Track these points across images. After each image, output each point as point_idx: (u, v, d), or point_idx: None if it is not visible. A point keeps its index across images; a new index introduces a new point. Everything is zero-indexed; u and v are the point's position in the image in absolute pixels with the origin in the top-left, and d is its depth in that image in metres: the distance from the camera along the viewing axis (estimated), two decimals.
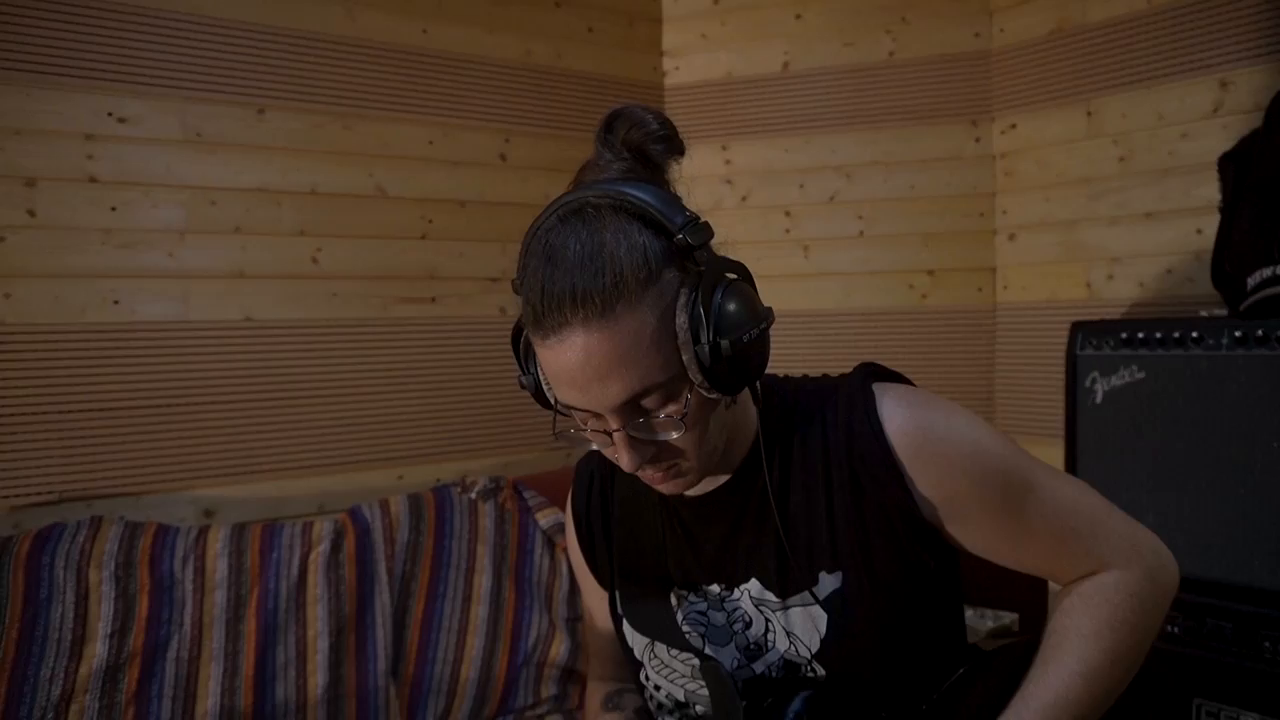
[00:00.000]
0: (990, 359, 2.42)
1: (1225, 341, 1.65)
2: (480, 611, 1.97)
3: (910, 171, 2.44)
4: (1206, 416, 1.66)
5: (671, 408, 0.81)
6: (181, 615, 1.70)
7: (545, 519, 2.10)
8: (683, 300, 0.78)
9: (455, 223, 2.30)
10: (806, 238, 2.50)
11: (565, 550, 2.07)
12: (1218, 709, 1.62)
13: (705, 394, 0.80)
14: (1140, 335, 1.74)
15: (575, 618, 2.05)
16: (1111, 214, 2.19)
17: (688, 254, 0.79)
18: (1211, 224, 1.87)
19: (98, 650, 1.60)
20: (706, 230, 0.80)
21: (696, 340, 0.77)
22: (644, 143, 0.84)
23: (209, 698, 1.67)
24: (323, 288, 2.11)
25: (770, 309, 0.83)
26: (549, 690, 1.99)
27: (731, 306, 0.78)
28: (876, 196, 2.46)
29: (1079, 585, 0.91)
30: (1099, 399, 1.80)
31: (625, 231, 0.78)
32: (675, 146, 0.86)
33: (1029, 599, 1.34)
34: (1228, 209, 1.84)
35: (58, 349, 1.81)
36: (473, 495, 2.07)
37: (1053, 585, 0.97)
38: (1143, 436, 1.73)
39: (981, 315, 2.42)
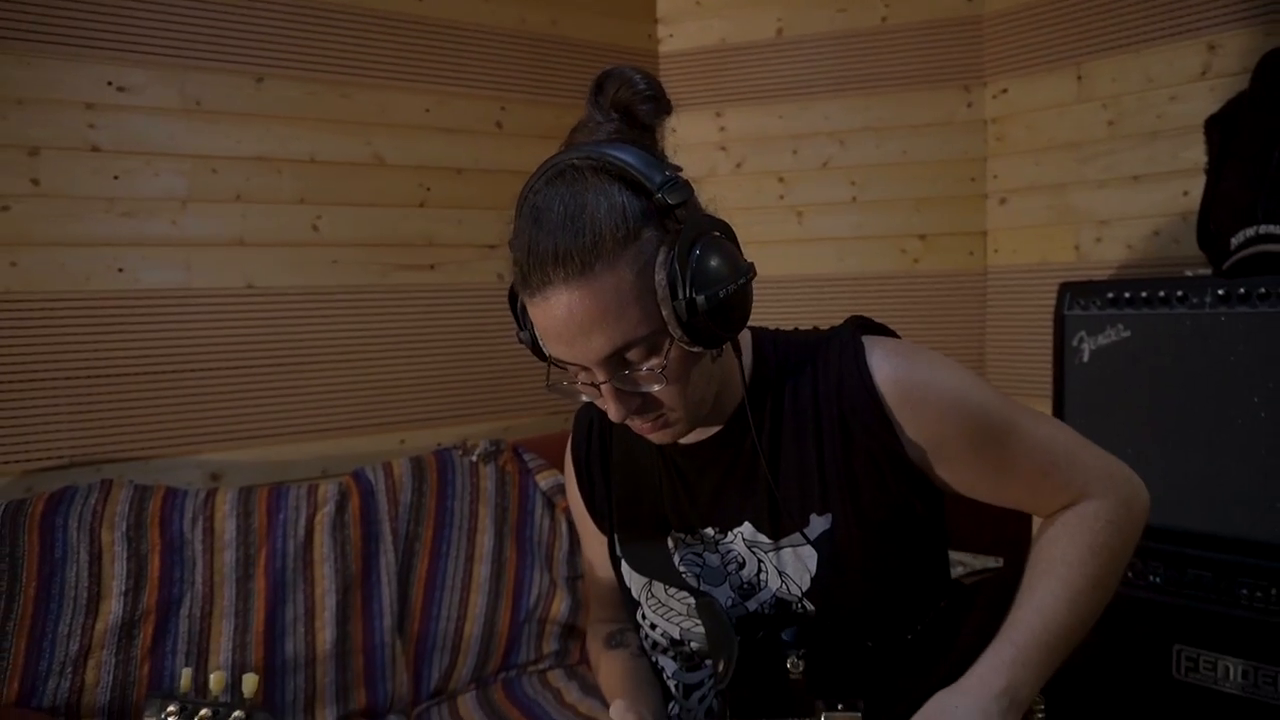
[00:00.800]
0: (981, 321, 2.46)
1: (1209, 300, 1.69)
2: (483, 570, 2.02)
3: (902, 137, 2.47)
4: (1190, 373, 1.70)
5: (654, 361, 0.84)
6: (193, 574, 1.75)
7: (545, 480, 2.14)
8: (661, 258, 0.81)
9: (453, 190, 2.32)
10: (800, 203, 2.53)
11: (565, 511, 2.12)
12: (1197, 654, 1.67)
13: (686, 348, 0.84)
14: (1126, 295, 1.78)
15: (575, 576, 2.11)
16: (1100, 177, 2.22)
17: (668, 212, 0.82)
18: (1198, 186, 1.90)
19: (113, 607, 1.65)
20: (686, 189, 0.83)
21: (674, 296, 0.80)
22: (632, 102, 0.87)
23: (221, 653, 1.72)
24: (323, 255, 2.14)
25: (751, 264, 0.86)
26: (550, 646, 2.05)
27: (708, 262, 0.81)
28: (869, 162, 2.48)
29: (1060, 515, 0.95)
30: (1085, 358, 1.84)
31: (606, 192, 0.81)
32: (663, 106, 0.89)
33: (1013, 544, 1.39)
34: (1213, 171, 1.87)
35: (64, 316, 1.84)
36: (474, 458, 2.12)
37: (1035, 520, 1.01)
38: (1128, 394, 1.77)
39: (972, 279, 2.46)
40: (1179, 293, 1.72)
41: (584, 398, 0.91)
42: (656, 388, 0.85)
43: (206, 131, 1.99)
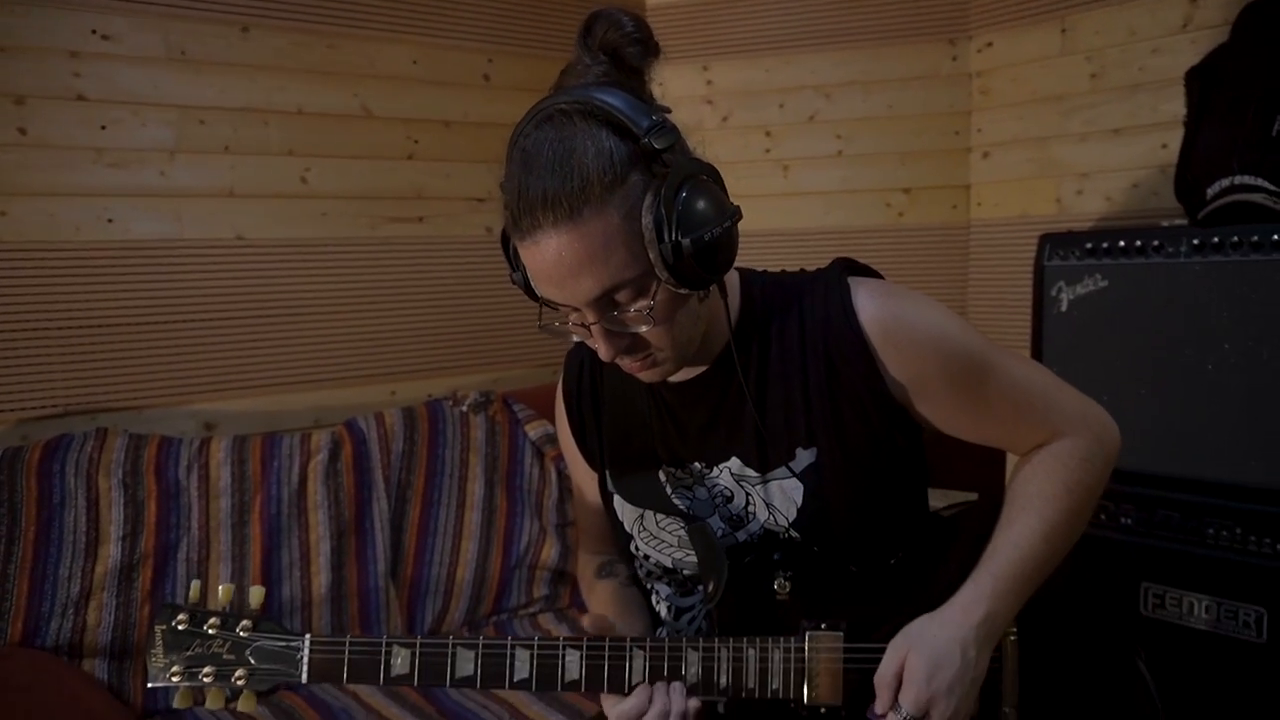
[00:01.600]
0: (964, 274, 2.50)
1: (1184, 249, 1.73)
2: (474, 517, 2.07)
3: (888, 91, 2.48)
4: (1164, 321, 1.75)
5: (641, 302, 0.86)
6: (189, 520, 1.78)
7: (534, 430, 2.18)
8: (648, 201, 0.83)
9: (441, 143, 2.33)
10: (786, 157, 2.55)
11: (555, 460, 2.16)
12: (1163, 591, 1.74)
13: (673, 289, 0.86)
14: (1104, 246, 1.82)
15: (565, 523, 2.16)
16: (1082, 130, 2.25)
17: (654, 156, 0.83)
18: (1176, 139, 1.93)
19: (111, 552, 1.68)
20: (672, 133, 0.84)
21: (661, 239, 0.82)
22: (620, 45, 0.89)
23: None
24: (312, 207, 2.14)
25: (737, 207, 0.88)
26: (541, 591, 2.10)
27: (694, 205, 0.83)
28: (855, 116, 2.50)
29: (1036, 453, 1.00)
30: (1064, 307, 1.88)
31: (593, 137, 0.83)
32: (651, 49, 0.90)
33: (987, 480, 1.43)
34: (1192, 122, 1.90)
35: (55, 267, 1.84)
36: (464, 408, 2.15)
37: (1010, 457, 1.06)
38: (1104, 342, 1.82)
39: (956, 232, 2.49)
40: (1155, 242, 1.76)
41: (575, 338, 0.94)
42: (644, 328, 0.88)
43: (192, 82, 1.98)
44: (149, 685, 0.93)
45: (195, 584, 0.95)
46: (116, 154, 1.90)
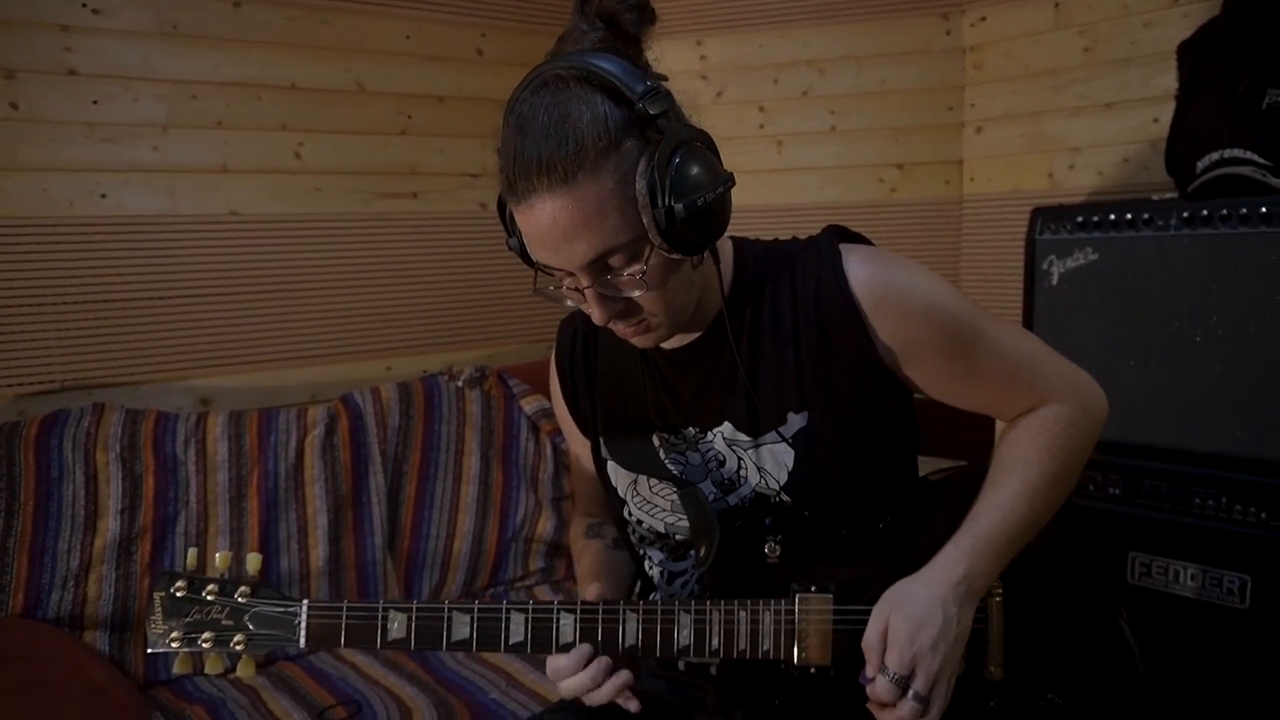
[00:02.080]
0: (956, 250, 2.51)
1: (1174, 223, 1.74)
2: (470, 491, 2.08)
3: (882, 66, 2.48)
4: (1153, 294, 1.76)
5: (635, 267, 0.87)
6: (187, 494, 1.79)
7: (530, 405, 2.19)
8: (642, 167, 0.84)
9: (434, 119, 2.32)
10: (780, 133, 2.55)
11: (550, 434, 2.18)
12: (1149, 560, 1.77)
13: (666, 254, 0.87)
14: (1095, 219, 1.83)
15: (560, 497, 2.17)
16: (1075, 105, 2.26)
17: (649, 122, 0.84)
18: (1168, 113, 1.93)
19: (110, 525, 1.70)
20: (666, 99, 0.85)
21: (654, 204, 0.83)
22: (617, 11, 0.89)
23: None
24: (306, 183, 2.14)
25: (730, 174, 0.89)
26: (537, 564, 2.13)
27: (688, 171, 0.84)
28: (848, 91, 2.50)
29: (1023, 419, 1.01)
30: (1055, 280, 1.89)
31: (588, 102, 0.84)
32: (647, 15, 0.91)
33: (976, 448, 1.44)
34: (1183, 96, 1.90)
35: (49, 242, 1.84)
36: (459, 383, 2.16)
37: (999, 425, 1.07)
38: (1094, 315, 1.83)
39: (948, 207, 2.50)
40: (1145, 216, 1.77)
41: (569, 303, 0.95)
42: (637, 293, 0.89)
43: (184, 56, 1.97)
44: (149, 651, 0.94)
45: (192, 552, 0.97)
46: (109, 129, 1.89)
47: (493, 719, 1.52)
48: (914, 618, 0.88)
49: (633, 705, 0.92)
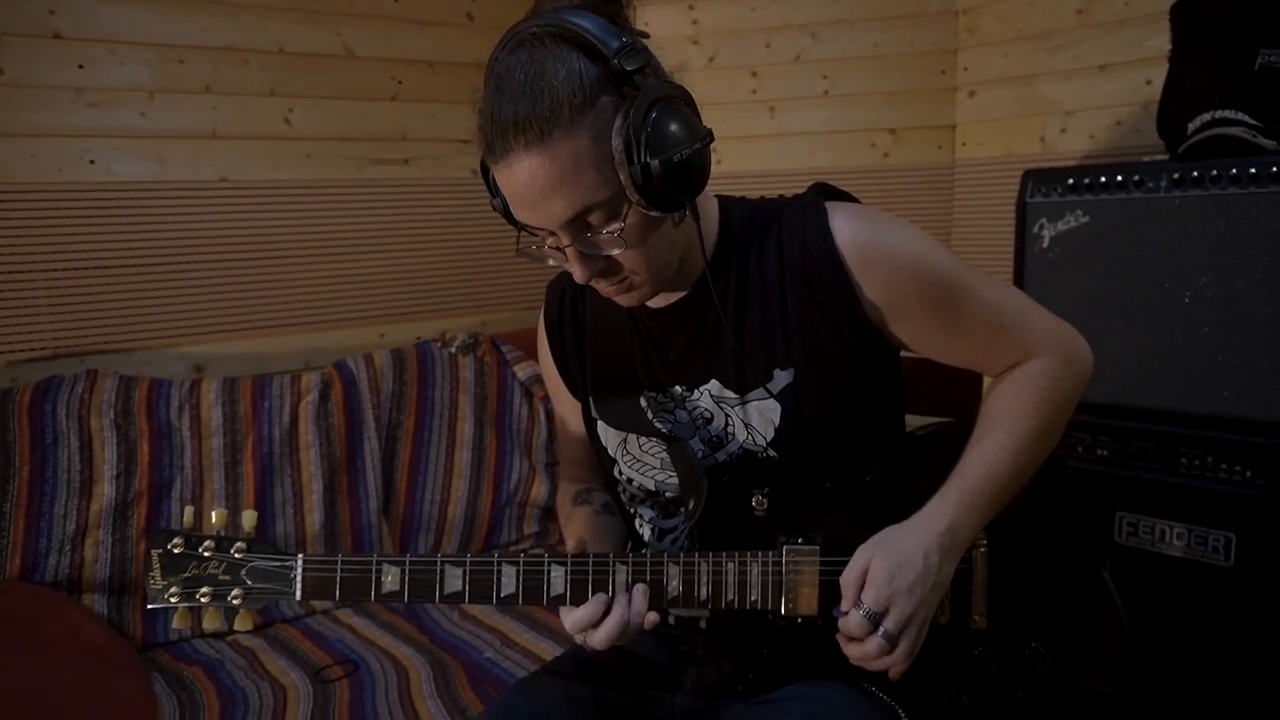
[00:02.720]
0: (949, 214, 2.51)
1: (1164, 184, 1.74)
2: (464, 456, 2.10)
3: (875, 29, 2.46)
4: (1143, 256, 1.77)
5: (614, 225, 0.88)
6: (181, 459, 1.80)
7: (523, 371, 2.20)
8: (618, 123, 0.84)
9: (425, 84, 2.31)
10: (772, 98, 2.53)
11: (543, 400, 2.19)
12: (1137, 519, 1.79)
13: (645, 211, 0.87)
14: (1086, 181, 1.83)
15: (554, 462, 2.19)
16: (1068, 67, 2.25)
17: (625, 78, 0.84)
18: (1161, 74, 1.93)
19: (106, 490, 1.71)
20: (643, 55, 0.85)
21: (630, 160, 0.83)
22: None
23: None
24: (296, 149, 2.13)
25: (709, 129, 0.89)
26: (531, 528, 2.14)
27: (664, 127, 0.84)
28: (841, 55, 2.49)
29: (1008, 373, 1.02)
30: (1046, 244, 1.90)
31: (564, 59, 0.84)
32: None
33: (963, 407, 1.46)
34: (1177, 57, 1.90)
35: (38, 208, 1.84)
36: (452, 350, 2.17)
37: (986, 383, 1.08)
38: (1084, 278, 1.84)
39: (940, 172, 2.50)
40: (1136, 178, 1.77)
41: (551, 262, 0.96)
42: (617, 251, 0.89)
43: (169, 19, 1.95)
44: (149, 607, 0.95)
45: (189, 509, 0.98)
46: (95, 94, 1.88)
47: (488, 677, 1.54)
48: (895, 560, 0.89)
49: (651, 617, 0.92)
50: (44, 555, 1.63)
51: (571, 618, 0.92)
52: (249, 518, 0.96)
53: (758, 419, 1.01)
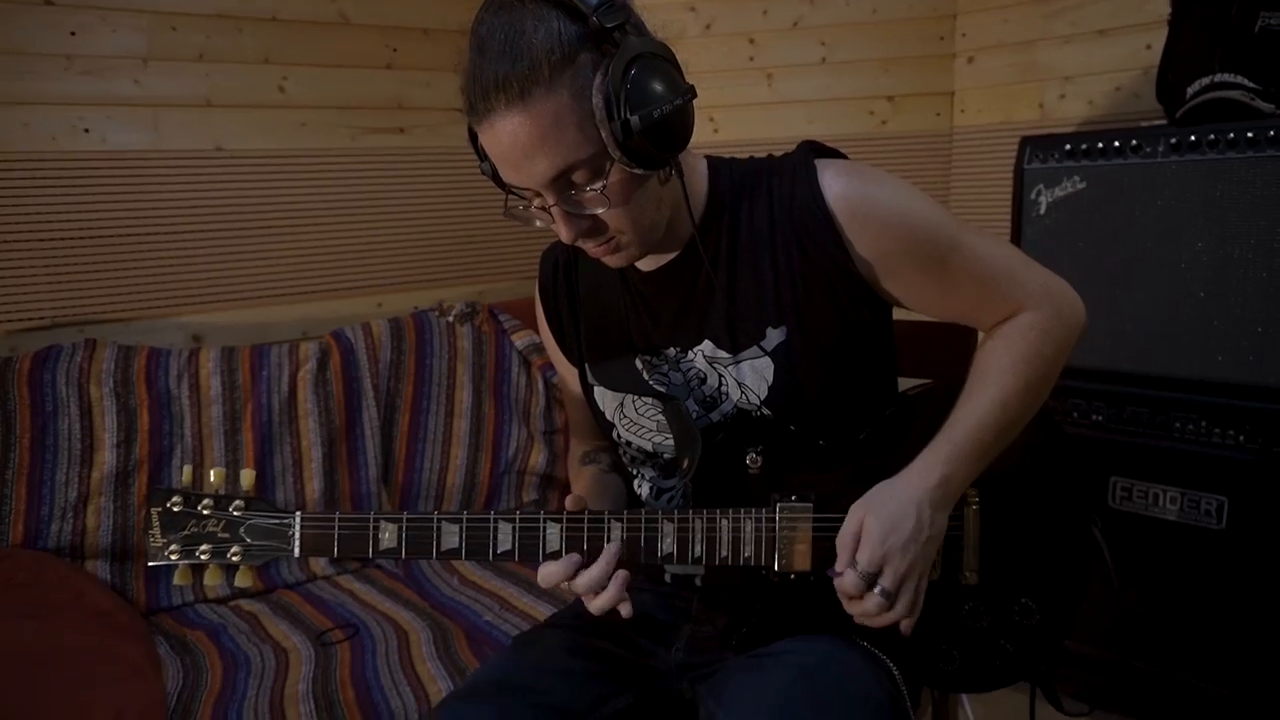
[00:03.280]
0: (947, 182, 2.51)
1: (1161, 149, 1.74)
2: (463, 425, 2.11)
3: None
4: (1140, 222, 1.77)
5: (598, 183, 0.88)
6: (181, 428, 1.81)
7: (521, 340, 2.21)
8: (598, 81, 0.84)
9: (421, 52, 2.29)
10: (770, 65, 2.52)
11: (541, 369, 2.20)
12: (1130, 484, 1.80)
13: (628, 169, 0.87)
14: (1083, 147, 1.83)
15: (552, 430, 2.20)
16: (1067, 32, 2.23)
17: (605, 36, 0.84)
18: (1161, 38, 1.91)
19: (106, 458, 1.72)
20: (622, 11, 0.84)
21: (611, 117, 0.83)
22: None
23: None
24: (291, 117, 2.12)
25: (691, 86, 0.89)
26: (530, 495, 2.16)
27: (645, 83, 0.84)
28: (839, 21, 2.47)
29: (999, 328, 1.02)
30: (1043, 210, 1.90)
31: (543, 18, 0.84)
32: None
33: (955, 367, 1.46)
34: (1176, 21, 1.88)
35: (33, 177, 1.83)
36: (450, 319, 2.17)
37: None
38: (1081, 244, 1.84)
39: (939, 140, 2.49)
40: (1133, 143, 1.77)
41: (539, 223, 0.96)
42: (601, 209, 0.90)
43: None
44: (149, 564, 0.96)
45: (187, 469, 0.98)
46: (87, 61, 1.87)
47: (487, 640, 1.56)
48: (888, 518, 0.90)
49: (625, 609, 0.94)
50: (46, 522, 1.65)
51: (544, 569, 0.94)
52: (247, 476, 0.97)
53: (751, 378, 1.02)
